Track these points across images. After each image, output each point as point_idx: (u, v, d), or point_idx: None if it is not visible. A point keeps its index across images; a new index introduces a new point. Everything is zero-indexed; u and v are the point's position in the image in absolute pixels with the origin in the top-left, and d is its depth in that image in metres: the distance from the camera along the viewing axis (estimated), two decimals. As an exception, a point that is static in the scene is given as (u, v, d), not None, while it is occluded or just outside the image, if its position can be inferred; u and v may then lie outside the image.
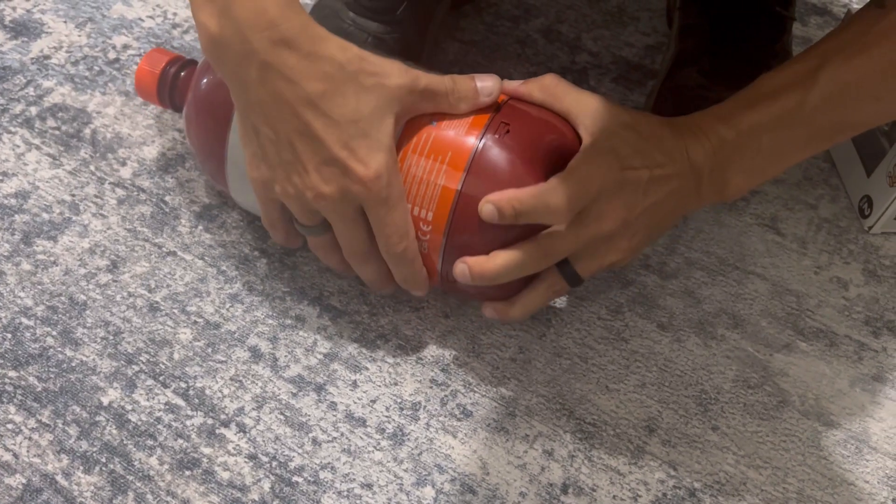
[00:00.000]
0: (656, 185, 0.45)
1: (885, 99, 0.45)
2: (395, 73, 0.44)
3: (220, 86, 0.49)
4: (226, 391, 0.51)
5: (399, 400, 0.51)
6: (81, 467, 0.47)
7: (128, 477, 0.47)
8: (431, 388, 0.51)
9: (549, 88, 0.48)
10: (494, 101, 0.47)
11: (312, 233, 0.48)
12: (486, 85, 0.47)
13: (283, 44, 0.41)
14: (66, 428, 0.49)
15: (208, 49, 0.44)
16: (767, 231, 0.61)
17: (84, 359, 0.51)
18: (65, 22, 0.70)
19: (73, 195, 0.59)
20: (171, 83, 0.56)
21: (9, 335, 0.52)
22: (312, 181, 0.43)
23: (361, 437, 0.49)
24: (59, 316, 0.53)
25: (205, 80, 0.51)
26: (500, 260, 0.45)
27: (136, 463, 0.47)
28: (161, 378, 0.51)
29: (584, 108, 0.46)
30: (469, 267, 0.46)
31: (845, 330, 0.56)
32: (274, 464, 0.48)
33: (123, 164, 0.61)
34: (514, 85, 0.48)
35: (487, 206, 0.44)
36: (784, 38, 0.62)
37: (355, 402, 0.50)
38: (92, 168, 0.61)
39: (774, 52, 0.61)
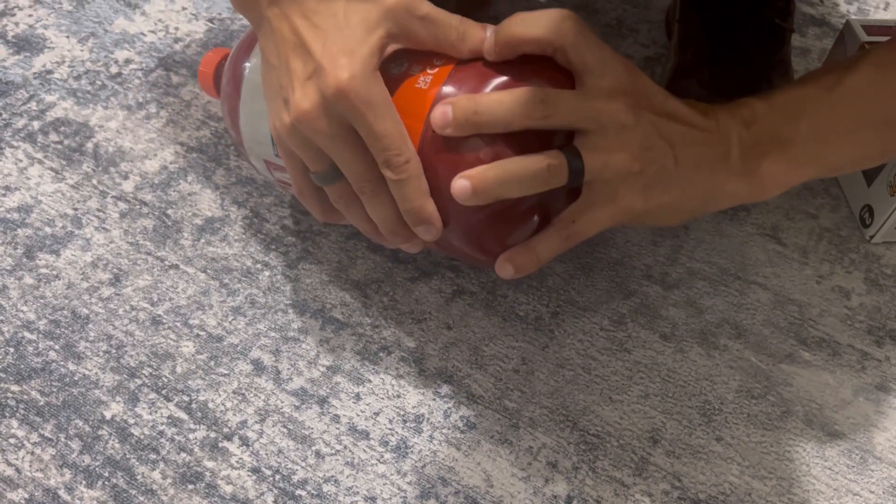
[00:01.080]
0: (670, 104, 0.42)
1: None
2: None
3: (237, 60, 0.52)
4: (228, 404, 0.50)
5: (402, 412, 0.51)
6: (84, 482, 0.47)
7: (130, 491, 0.47)
8: (434, 400, 0.51)
9: (557, 38, 0.42)
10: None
11: (326, 180, 0.45)
12: (494, 41, 0.43)
13: None
14: (69, 442, 0.48)
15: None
16: (769, 241, 0.61)
17: (86, 373, 0.51)
18: (67, 37, 0.71)
19: (76, 209, 0.59)
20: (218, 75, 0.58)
21: (11, 349, 0.52)
22: (296, 99, 0.41)
23: (365, 450, 0.49)
24: (62, 330, 0.53)
25: (227, 63, 0.53)
26: (507, 95, 0.41)
27: (138, 477, 0.47)
28: (164, 391, 0.51)
29: (589, 65, 0.42)
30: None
31: (848, 339, 0.56)
32: (277, 477, 0.48)
33: (126, 177, 0.62)
34: (490, 34, 0.43)
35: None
36: (783, 50, 0.63)
37: (358, 415, 0.50)
38: (94, 182, 0.61)
39: (773, 63, 0.61)
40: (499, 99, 0.41)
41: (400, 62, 0.45)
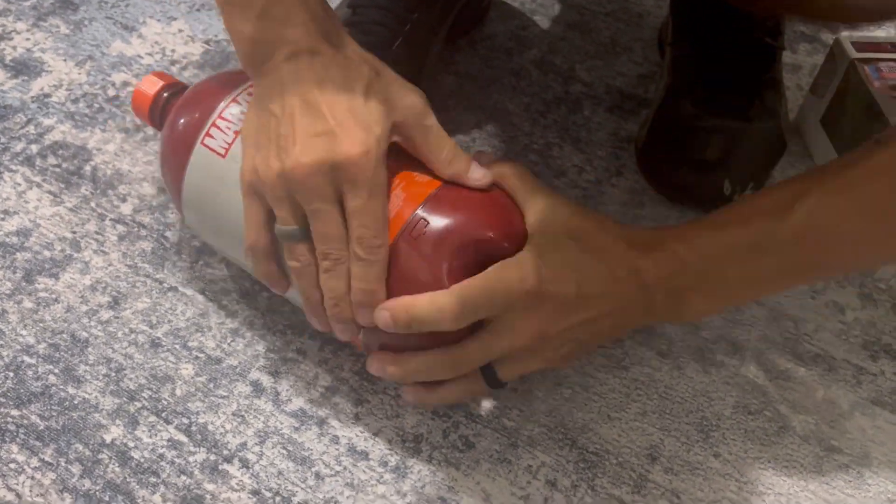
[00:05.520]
0: (585, 303, 0.44)
1: (864, 243, 0.43)
2: (411, 94, 0.46)
3: (188, 124, 0.51)
4: (228, 426, 0.51)
5: (401, 432, 0.51)
6: (84, 506, 0.47)
7: (131, 515, 0.47)
8: (433, 419, 0.51)
9: (506, 180, 0.47)
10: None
11: (293, 237, 0.45)
12: (476, 175, 0.46)
13: (322, 35, 0.45)
14: (69, 466, 0.49)
15: (245, 53, 0.47)
16: (763, 257, 0.61)
17: (86, 396, 0.51)
18: (65, 60, 0.71)
19: (74, 232, 0.60)
20: (161, 106, 0.56)
21: (11, 374, 0.52)
22: (297, 152, 0.43)
23: (364, 471, 0.49)
24: (61, 353, 0.53)
25: (180, 117, 0.52)
26: (410, 365, 0.46)
27: (139, 501, 0.47)
28: (163, 414, 0.51)
29: (534, 208, 0.46)
30: (384, 368, 0.47)
31: (843, 354, 0.56)
32: (277, 499, 0.48)
33: (124, 200, 0.62)
34: (475, 168, 0.47)
35: (383, 312, 0.43)
36: (774, 68, 0.63)
37: (357, 436, 0.51)
38: (92, 205, 0.61)
39: (765, 81, 0.62)
40: (415, 369, 0.46)
41: None
